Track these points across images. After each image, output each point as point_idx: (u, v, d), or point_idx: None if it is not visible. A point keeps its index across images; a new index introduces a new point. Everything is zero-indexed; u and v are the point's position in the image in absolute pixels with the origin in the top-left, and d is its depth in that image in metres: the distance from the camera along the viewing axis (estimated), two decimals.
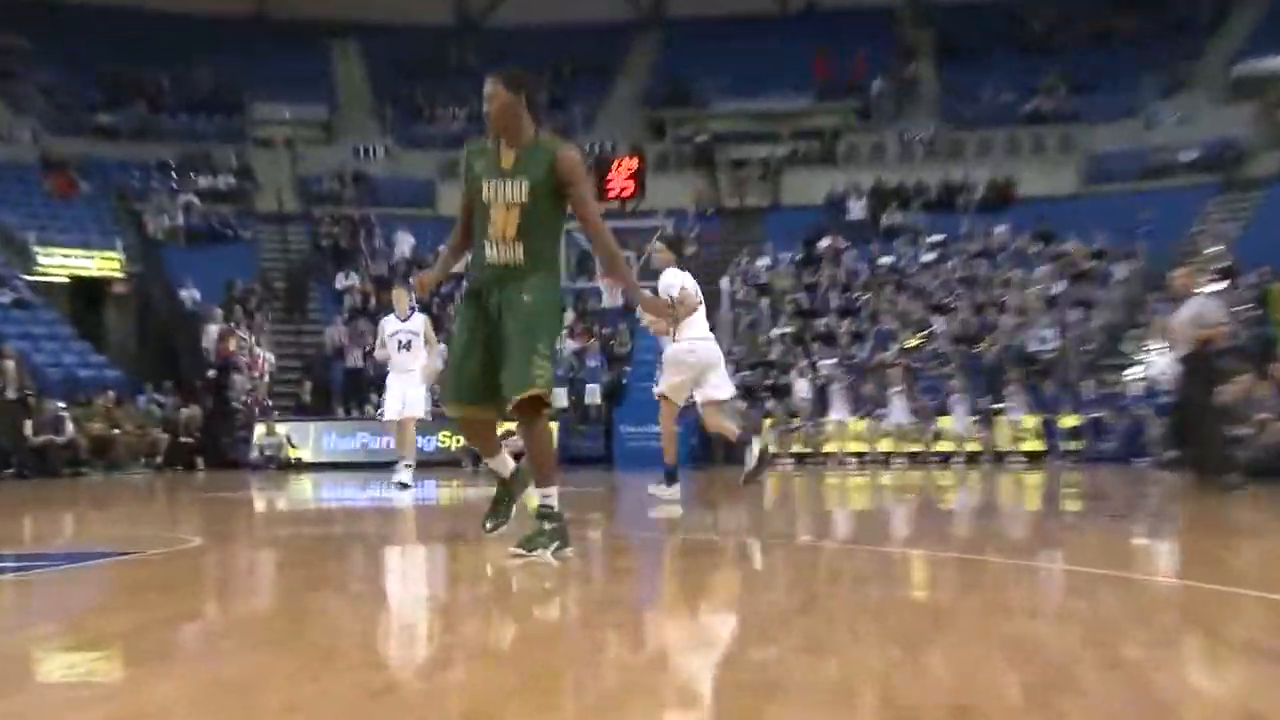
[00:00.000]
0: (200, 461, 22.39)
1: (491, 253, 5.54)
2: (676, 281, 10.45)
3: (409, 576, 5.60)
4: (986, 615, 4.05)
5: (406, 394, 12.95)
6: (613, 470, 20.50)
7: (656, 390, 10.68)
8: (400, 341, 13.28)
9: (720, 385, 10.65)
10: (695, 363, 10.46)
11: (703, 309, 10.60)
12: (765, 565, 5.77)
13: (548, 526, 5.57)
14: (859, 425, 22.23)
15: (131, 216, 29.56)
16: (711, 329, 11.16)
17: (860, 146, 33.68)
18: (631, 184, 26.31)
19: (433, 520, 9.32)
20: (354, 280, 28.84)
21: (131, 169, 32.35)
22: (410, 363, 13.09)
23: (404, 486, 12.78)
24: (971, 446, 21.74)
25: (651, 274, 11.85)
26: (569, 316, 26.20)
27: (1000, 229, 27.71)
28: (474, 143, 5.73)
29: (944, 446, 21.91)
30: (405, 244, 30.18)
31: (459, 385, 5.69)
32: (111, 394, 22.42)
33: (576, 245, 24.92)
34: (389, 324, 13.40)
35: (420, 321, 13.28)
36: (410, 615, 4.39)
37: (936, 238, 27.80)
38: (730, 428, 11.00)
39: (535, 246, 5.51)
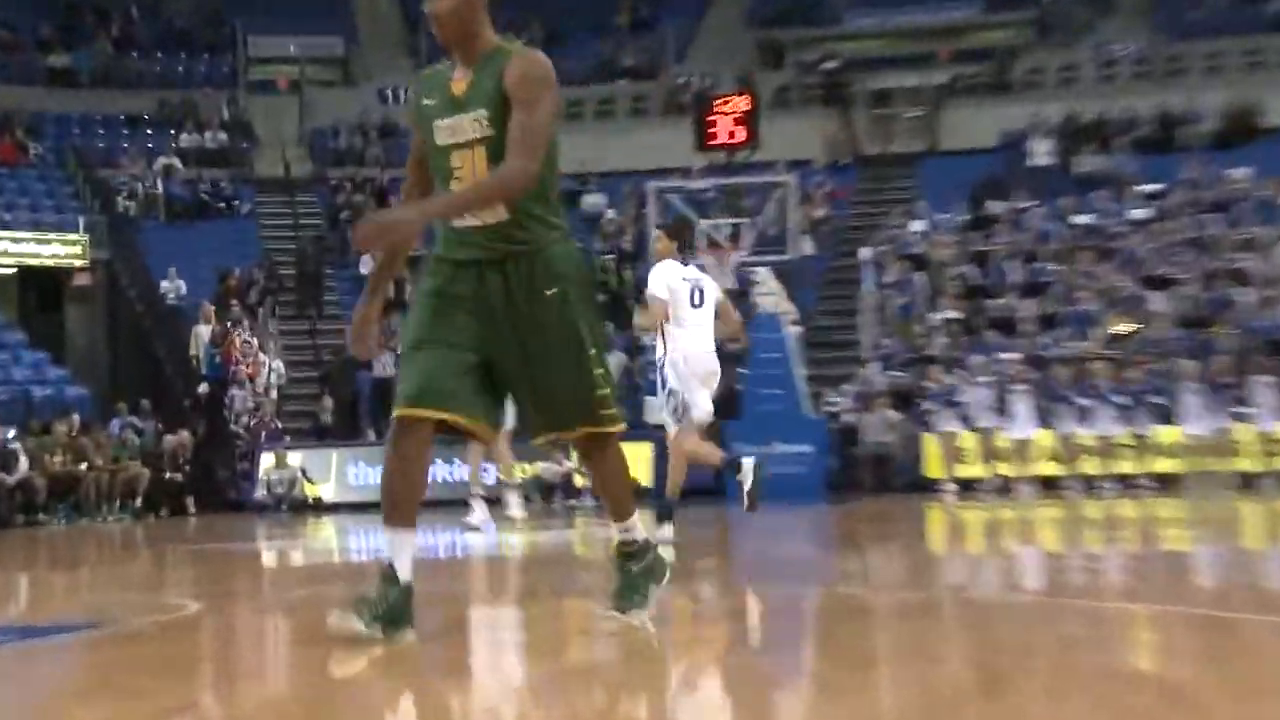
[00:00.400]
0: (191, 504, 22.67)
1: (466, 220, 5.29)
2: (658, 285, 11.20)
3: (469, 650, 5.62)
4: (1241, 695, 3.97)
5: None
6: (726, 504, 20.44)
7: (696, 415, 11.30)
8: None
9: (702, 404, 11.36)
10: (701, 372, 11.32)
11: (706, 314, 11.36)
12: (933, 628, 5.73)
13: (636, 568, 5.59)
14: (1050, 439, 21.98)
15: (96, 187, 30.02)
16: (852, 313, 11.58)
17: (1045, 69, 33.27)
18: (741, 129, 26.24)
19: (494, 572, 9.35)
20: None
21: (94, 125, 32.90)
22: None
23: (479, 521, 13.03)
24: (1206, 464, 21.40)
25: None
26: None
27: (1239, 172, 27.24)
28: (422, 72, 5.59)
29: (1167, 466, 21.59)
30: None
31: (425, 388, 5.29)
32: (75, 418, 22.78)
33: (671, 209, 24.89)
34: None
35: None
36: (473, 703, 4.40)
37: (1151, 187, 27.38)
38: (688, 460, 11.62)
39: (525, 196, 5.27)
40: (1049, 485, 21.29)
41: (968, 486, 21.44)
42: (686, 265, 11.51)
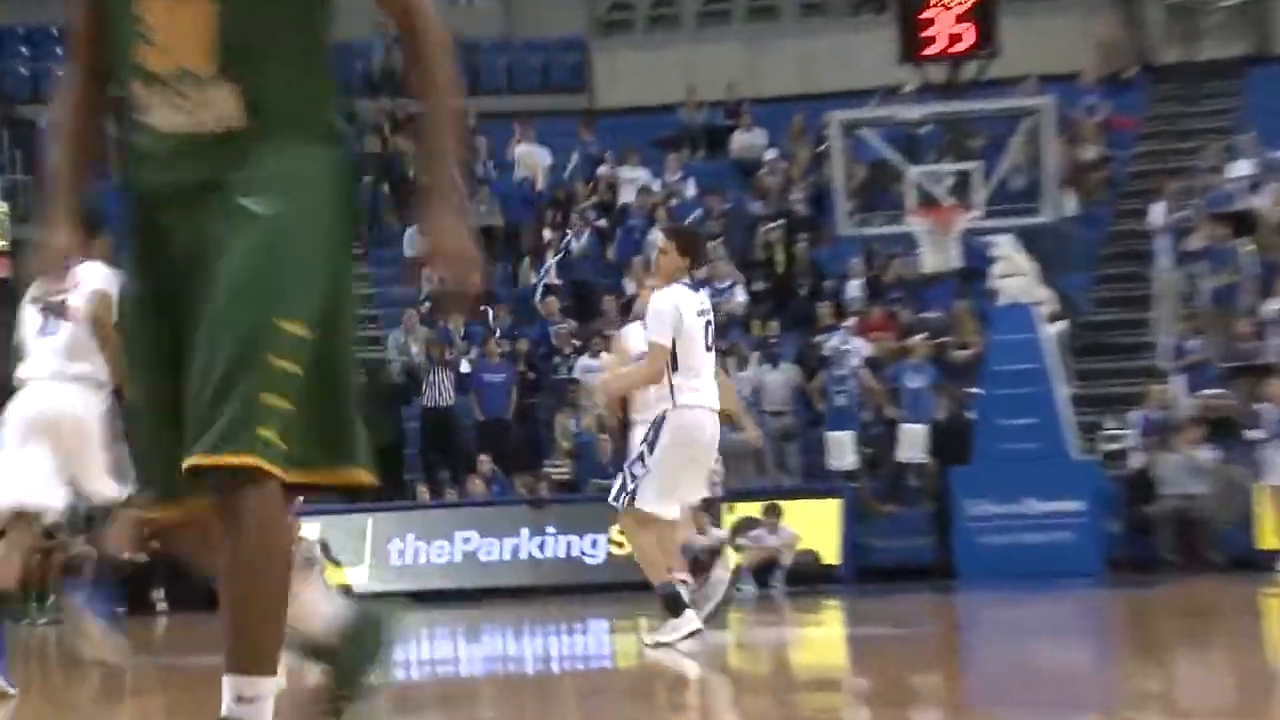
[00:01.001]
0: (160, 597, 22.87)
1: (160, 113, 4.49)
2: (663, 321, 11.52)
3: None
4: None
5: None
6: (953, 588, 20.32)
7: (636, 499, 11.69)
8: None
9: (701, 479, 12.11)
10: (706, 443, 11.83)
11: (711, 358, 11.95)
12: None
13: None
14: None
15: (18, 134, 30.37)
16: (1142, 302, 11.62)
17: None
18: (969, 29, 26.06)
19: (638, 692, 9.34)
20: None
21: (14, 43, 33.30)
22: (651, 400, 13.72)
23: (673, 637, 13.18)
24: None
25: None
26: (854, 290, 26.09)
27: None
28: None
29: None
30: (534, 161, 30.78)
31: (155, 458, 4.62)
32: None
33: (866, 150, 24.74)
34: (634, 331, 13.96)
35: None
36: None
37: None
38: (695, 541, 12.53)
39: (265, 81, 4.47)
40: None
41: None
42: (698, 290, 12.08)
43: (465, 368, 25.76)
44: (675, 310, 11.52)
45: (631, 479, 11.57)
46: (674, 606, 11.37)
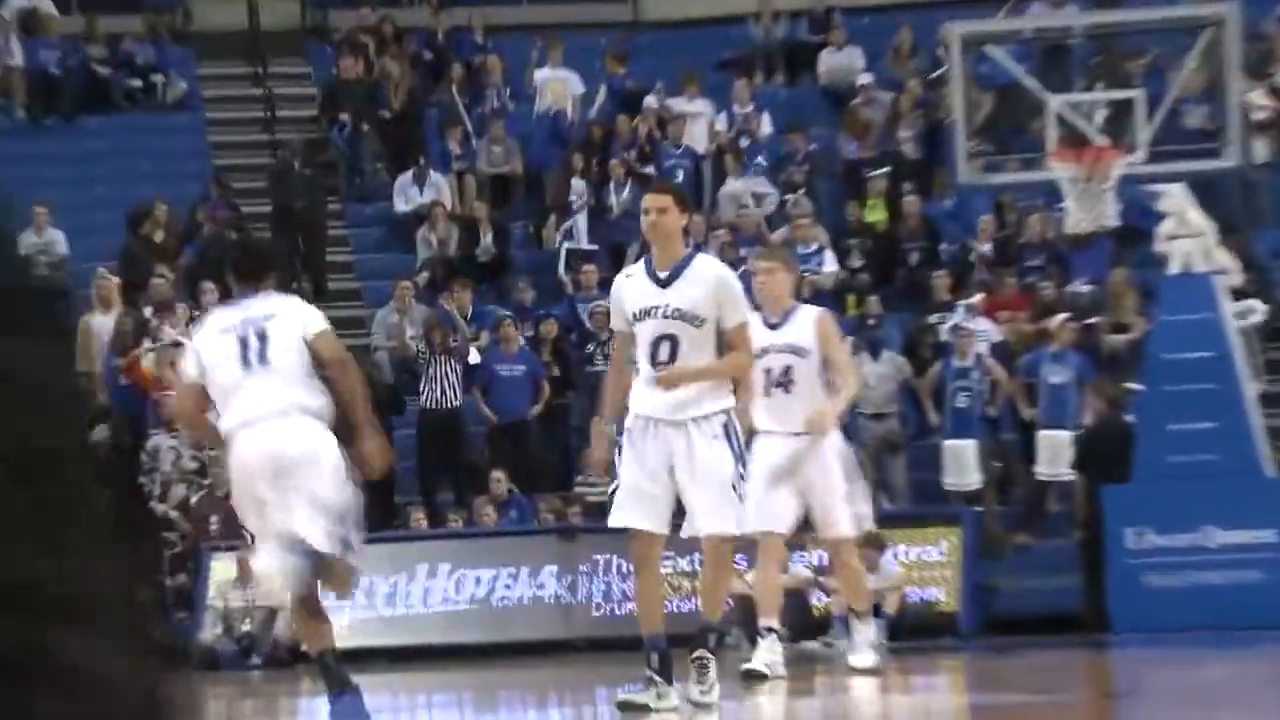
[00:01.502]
0: None
1: None
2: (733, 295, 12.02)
3: None
4: None
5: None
6: (1107, 643, 20.34)
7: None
8: (771, 374, 14.66)
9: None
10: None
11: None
12: None
13: None
14: None
15: None
16: None
17: None
18: None
19: None
20: (437, 189, 29.50)
21: None
22: (787, 410, 14.32)
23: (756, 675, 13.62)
24: None
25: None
26: (979, 256, 26.05)
27: None
28: None
29: None
30: (562, 89, 30.78)
31: None
32: None
33: (994, 74, 24.78)
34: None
35: (810, 326, 14.21)
36: None
37: None
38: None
39: None
40: None
41: None
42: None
43: (475, 358, 25.67)
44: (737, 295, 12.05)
45: (741, 499, 11.93)
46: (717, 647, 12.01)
